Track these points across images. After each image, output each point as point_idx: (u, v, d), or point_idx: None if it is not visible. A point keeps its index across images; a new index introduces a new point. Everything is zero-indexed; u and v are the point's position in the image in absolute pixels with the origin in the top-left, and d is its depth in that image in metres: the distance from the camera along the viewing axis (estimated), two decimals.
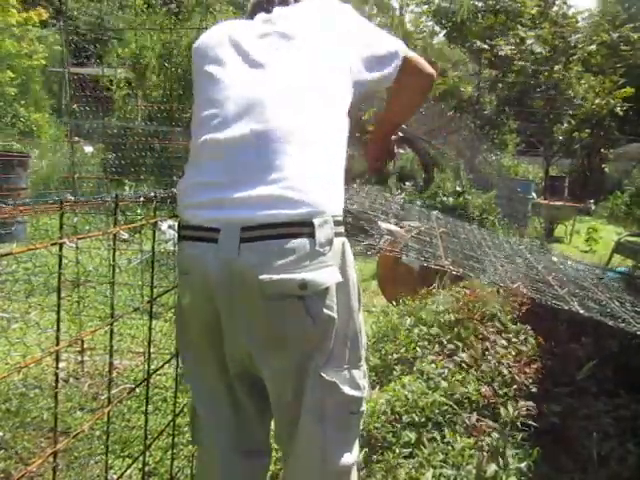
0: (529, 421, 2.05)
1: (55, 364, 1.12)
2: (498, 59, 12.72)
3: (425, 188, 8.65)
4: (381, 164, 1.66)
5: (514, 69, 12.85)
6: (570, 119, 13.37)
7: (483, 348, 2.59)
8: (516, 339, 2.68)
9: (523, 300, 3.05)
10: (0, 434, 2.12)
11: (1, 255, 0.92)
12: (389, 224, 3.74)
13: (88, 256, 2.99)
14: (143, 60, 8.82)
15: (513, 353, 2.54)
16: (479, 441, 1.95)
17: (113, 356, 1.37)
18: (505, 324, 2.80)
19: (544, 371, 2.42)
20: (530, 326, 2.77)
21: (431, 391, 2.26)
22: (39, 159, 7.40)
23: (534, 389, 2.30)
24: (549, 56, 12.65)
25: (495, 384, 2.34)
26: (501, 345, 2.61)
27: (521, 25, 13.41)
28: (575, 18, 13.59)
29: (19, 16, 7.99)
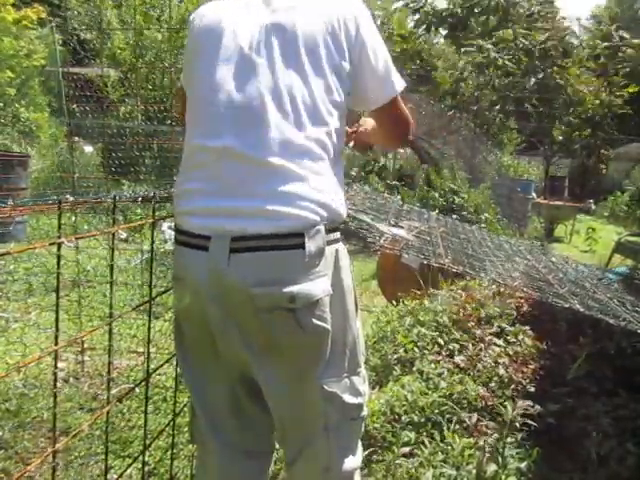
0: (528, 421, 2.05)
1: (54, 364, 1.12)
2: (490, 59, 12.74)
3: (420, 188, 8.64)
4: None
5: (509, 70, 12.87)
6: (570, 119, 13.38)
7: (480, 349, 2.59)
8: (514, 340, 2.68)
9: (521, 301, 3.06)
10: (0, 434, 2.12)
11: (1, 254, 0.92)
12: (395, 228, 3.74)
13: (87, 256, 2.99)
14: (141, 59, 8.81)
15: (511, 353, 2.54)
16: (479, 441, 1.95)
17: (113, 356, 1.37)
18: (502, 325, 2.80)
19: (542, 372, 2.42)
20: (528, 327, 2.77)
21: (430, 391, 2.26)
22: (39, 159, 7.39)
23: (532, 389, 2.30)
24: (542, 55, 12.66)
25: (493, 384, 2.34)
26: (499, 346, 2.61)
27: (516, 24, 13.42)
28: (571, 19, 13.62)
29: (16, 14, 7.95)
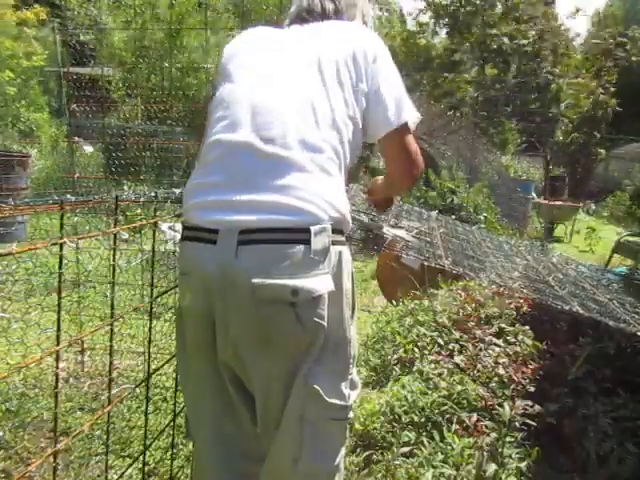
0: (528, 421, 2.05)
1: (55, 364, 1.12)
2: (496, 52, 12.73)
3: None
4: (383, 207, 1.69)
5: (512, 65, 12.87)
6: (569, 119, 13.38)
7: (480, 349, 2.59)
8: (514, 340, 2.68)
9: (520, 302, 3.06)
10: (0, 434, 2.12)
11: (2, 255, 0.92)
12: (394, 229, 3.74)
13: (88, 256, 2.99)
14: (141, 59, 8.82)
15: (510, 354, 2.55)
16: (479, 441, 1.95)
17: (113, 356, 1.37)
18: (502, 326, 2.81)
19: (542, 372, 2.42)
20: (528, 327, 2.77)
21: (430, 391, 2.27)
22: (39, 159, 7.40)
23: (532, 389, 2.30)
24: (544, 55, 12.66)
25: (493, 384, 2.34)
26: (498, 346, 2.61)
27: (517, 22, 13.41)
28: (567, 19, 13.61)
29: (16, 15, 7.93)
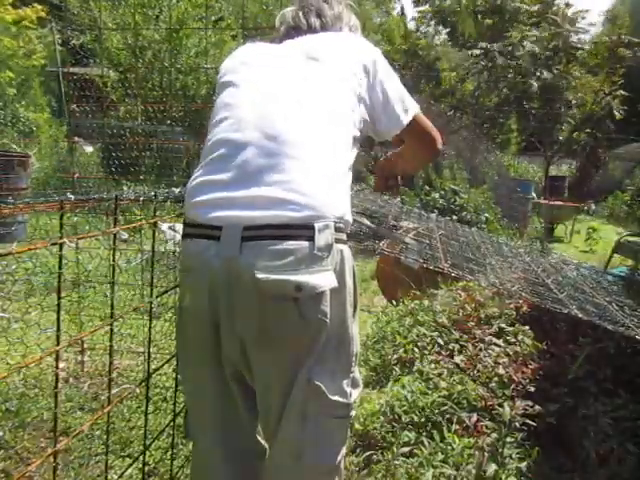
0: (528, 421, 2.05)
1: (55, 364, 1.12)
2: (495, 62, 12.72)
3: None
4: (389, 188, 1.72)
5: (514, 70, 12.85)
6: (570, 120, 13.37)
7: (480, 349, 2.59)
8: (514, 340, 2.68)
9: (520, 302, 3.06)
10: (0, 434, 2.12)
11: (2, 255, 0.92)
12: (394, 231, 3.74)
13: (88, 256, 2.99)
14: (140, 59, 8.82)
15: (510, 354, 2.55)
16: (479, 441, 1.95)
17: (113, 356, 1.37)
18: (502, 326, 2.81)
19: (542, 372, 2.42)
20: (528, 328, 2.77)
21: (430, 391, 2.27)
22: (39, 159, 7.39)
23: (532, 389, 2.30)
24: (549, 56, 12.64)
25: (493, 384, 2.34)
26: (498, 346, 2.61)
27: (522, 24, 13.40)
28: (576, 17, 13.58)
29: (15, 13, 7.89)
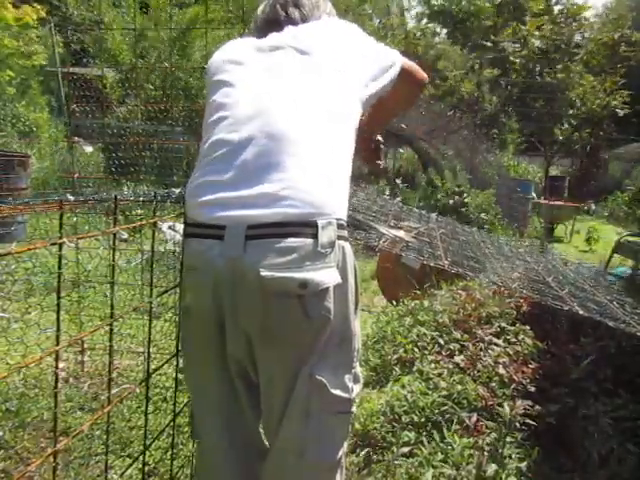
0: (528, 421, 2.05)
1: (55, 364, 1.12)
2: (499, 58, 12.70)
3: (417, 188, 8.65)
4: (375, 163, 1.70)
5: (515, 67, 12.84)
6: (570, 119, 13.37)
7: (480, 349, 2.59)
8: (514, 339, 2.68)
9: (520, 301, 3.06)
10: (0, 434, 2.12)
11: (1, 255, 0.92)
12: (394, 230, 3.74)
13: (88, 256, 2.99)
14: (141, 59, 8.83)
15: (511, 353, 2.54)
16: (479, 441, 1.95)
17: (113, 356, 1.37)
18: (502, 325, 2.80)
19: (542, 371, 2.42)
20: (528, 327, 2.77)
21: (430, 391, 2.26)
22: (39, 159, 7.39)
23: (533, 389, 2.30)
24: (551, 57, 12.64)
25: (493, 384, 2.34)
26: (499, 346, 2.61)
27: (523, 24, 13.39)
28: (578, 17, 13.56)
29: (15, 13, 7.87)
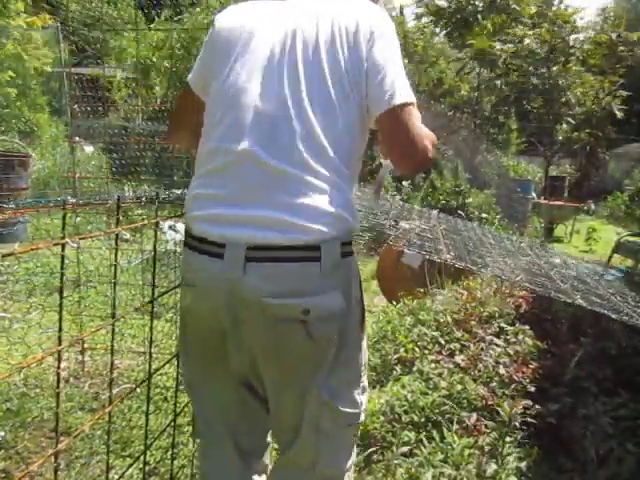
0: (528, 420, 2.05)
1: (57, 364, 1.13)
2: (496, 59, 12.70)
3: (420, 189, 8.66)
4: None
5: (513, 68, 12.84)
6: (570, 119, 13.36)
7: (481, 348, 2.59)
8: (514, 339, 2.69)
9: (520, 301, 3.07)
10: (1, 434, 2.12)
11: (4, 255, 0.93)
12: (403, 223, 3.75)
13: (89, 256, 3.00)
14: (145, 60, 8.84)
15: (511, 353, 2.55)
16: (479, 441, 1.96)
17: (114, 356, 1.37)
18: (502, 325, 2.81)
19: (542, 371, 2.43)
20: (528, 327, 2.77)
21: (430, 391, 2.27)
22: (39, 159, 7.39)
23: (533, 389, 2.30)
24: (547, 57, 12.63)
25: (493, 384, 2.34)
26: (499, 345, 2.62)
27: (521, 24, 13.39)
28: (573, 18, 13.55)
29: (23, 21, 7.90)
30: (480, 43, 12.32)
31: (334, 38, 1.10)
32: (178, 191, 1.75)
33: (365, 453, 2.06)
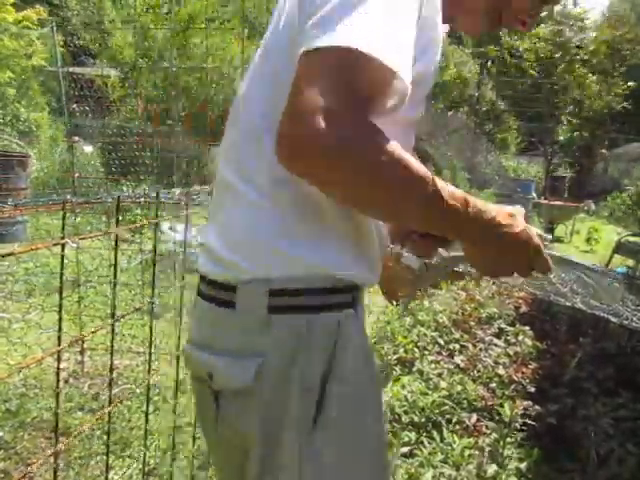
0: (528, 421, 2.05)
1: (57, 364, 1.13)
2: (500, 59, 12.71)
3: None
4: None
5: (516, 67, 12.86)
6: (571, 119, 13.38)
7: (480, 349, 2.59)
8: (514, 340, 2.69)
9: (519, 302, 3.07)
10: (0, 434, 2.12)
11: (4, 255, 0.93)
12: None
13: (89, 256, 3.00)
14: (142, 59, 8.84)
15: (511, 354, 2.55)
16: (479, 441, 1.95)
17: (113, 356, 1.37)
18: (502, 326, 2.81)
19: (542, 372, 2.43)
20: (528, 328, 2.77)
21: (430, 391, 2.27)
22: (38, 159, 7.40)
23: (532, 389, 2.30)
24: (552, 57, 12.65)
25: (493, 385, 2.34)
26: (498, 346, 2.62)
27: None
28: (579, 17, 13.55)
29: (16, 14, 7.91)
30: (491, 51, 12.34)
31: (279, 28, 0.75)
32: (178, 191, 1.74)
33: None
